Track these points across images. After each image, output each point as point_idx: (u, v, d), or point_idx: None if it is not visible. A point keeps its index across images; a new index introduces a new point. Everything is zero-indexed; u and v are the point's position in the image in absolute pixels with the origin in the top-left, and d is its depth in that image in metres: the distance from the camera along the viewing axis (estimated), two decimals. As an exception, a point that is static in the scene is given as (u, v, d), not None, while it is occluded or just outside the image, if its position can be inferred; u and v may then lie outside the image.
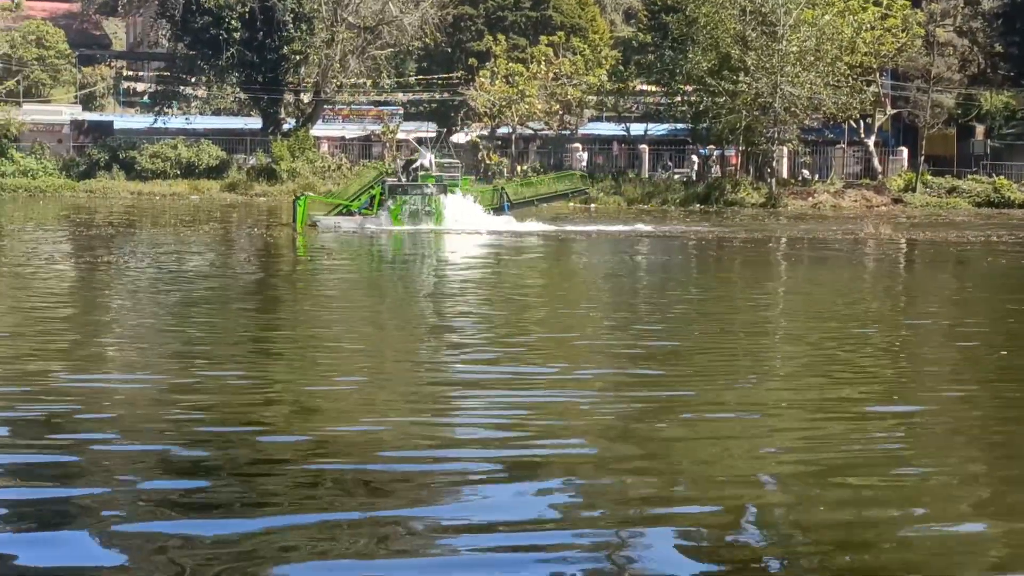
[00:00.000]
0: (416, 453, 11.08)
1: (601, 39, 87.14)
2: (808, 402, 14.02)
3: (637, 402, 13.54)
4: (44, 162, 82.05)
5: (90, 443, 11.31)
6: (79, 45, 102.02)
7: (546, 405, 13.28)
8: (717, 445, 11.76)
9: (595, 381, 15.15)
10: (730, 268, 36.23)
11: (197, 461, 10.75)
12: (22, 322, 20.09)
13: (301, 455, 10.93)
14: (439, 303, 24.95)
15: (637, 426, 12.42)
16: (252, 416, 12.48)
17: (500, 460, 10.82)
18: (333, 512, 9.29)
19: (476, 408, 13.07)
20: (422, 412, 12.93)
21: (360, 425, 12.17)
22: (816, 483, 10.34)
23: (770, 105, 72.88)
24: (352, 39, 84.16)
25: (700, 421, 12.79)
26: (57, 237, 44.06)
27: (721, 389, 14.59)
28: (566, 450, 11.39)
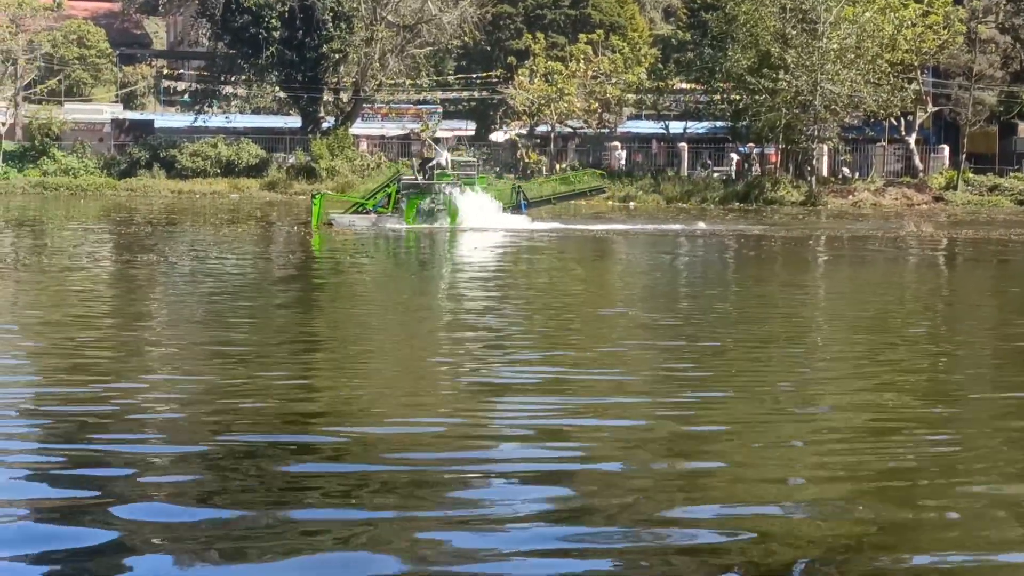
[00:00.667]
0: (456, 454, 11.05)
1: (640, 37, 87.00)
2: (857, 405, 13.91)
3: (681, 407, 13.46)
4: (85, 161, 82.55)
5: (130, 443, 11.33)
6: (120, 44, 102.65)
7: (588, 408, 13.19)
8: (763, 445, 11.69)
9: (639, 383, 15.08)
10: (792, 267, 36.09)
11: (232, 458, 10.75)
12: (56, 323, 20.20)
13: (340, 455, 10.91)
14: (474, 302, 24.91)
15: (676, 427, 12.35)
16: (287, 417, 12.47)
17: (535, 462, 10.78)
18: (370, 511, 9.28)
19: (515, 410, 13.00)
20: (462, 414, 12.88)
21: (400, 427, 12.13)
22: (860, 487, 10.26)
23: (810, 103, 72.54)
24: (391, 38, 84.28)
25: (744, 422, 12.71)
26: (98, 235, 44.27)
27: (765, 389, 14.48)
28: (604, 452, 11.34)
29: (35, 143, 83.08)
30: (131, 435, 11.64)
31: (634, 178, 78.36)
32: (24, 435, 11.67)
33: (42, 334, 18.58)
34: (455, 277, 31.61)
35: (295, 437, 11.64)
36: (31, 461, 10.68)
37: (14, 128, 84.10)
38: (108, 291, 26.60)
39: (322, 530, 8.80)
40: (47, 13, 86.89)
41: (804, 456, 11.42)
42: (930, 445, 11.85)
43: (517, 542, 8.60)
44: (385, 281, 30.19)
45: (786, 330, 20.18)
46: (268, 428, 11.95)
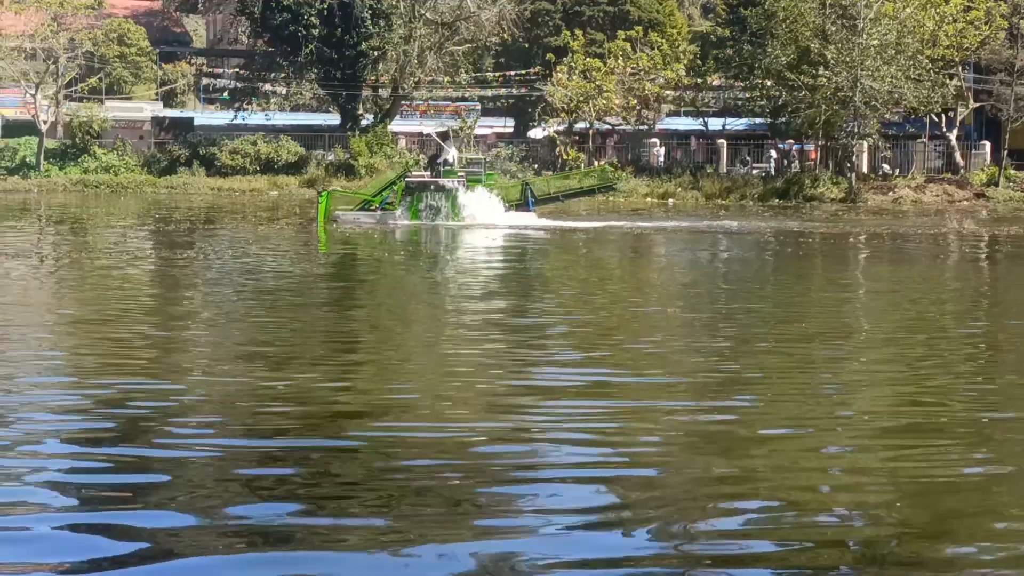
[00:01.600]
0: (498, 454, 11.04)
1: (679, 33, 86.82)
2: (899, 404, 13.83)
3: (722, 410, 13.40)
4: (126, 158, 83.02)
5: (172, 446, 11.37)
6: (160, 42, 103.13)
7: (630, 411, 13.14)
8: (799, 448, 11.64)
9: (680, 385, 15.03)
10: (833, 264, 35.96)
11: (274, 459, 10.78)
12: (96, 320, 20.29)
13: (376, 458, 10.91)
14: (502, 300, 24.89)
15: (718, 428, 12.30)
16: (324, 418, 12.48)
17: (575, 467, 10.76)
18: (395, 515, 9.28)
19: (556, 413, 12.95)
20: (500, 417, 12.87)
21: (439, 431, 12.13)
22: (900, 489, 10.21)
23: (850, 99, 72.21)
24: (430, 35, 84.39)
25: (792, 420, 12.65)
26: (138, 233, 44.50)
27: (807, 390, 14.40)
28: (644, 455, 11.31)
29: (76, 141, 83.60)
30: (168, 438, 11.67)
31: (673, 175, 78.20)
32: (61, 434, 11.71)
33: (80, 333, 18.66)
34: (475, 275, 31.53)
35: (331, 442, 11.63)
36: (68, 465, 10.72)
37: (56, 126, 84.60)
38: (146, 289, 26.70)
39: (356, 531, 8.80)
40: (88, 11, 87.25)
41: (844, 457, 11.35)
42: (972, 448, 11.76)
43: (557, 547, 8.59)
44: (415, 280, 30.16)
45: (828, 329, 20.07)
46: (307, 430, 11.96)
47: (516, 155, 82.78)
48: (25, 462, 10.52)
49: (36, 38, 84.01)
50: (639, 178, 78.56)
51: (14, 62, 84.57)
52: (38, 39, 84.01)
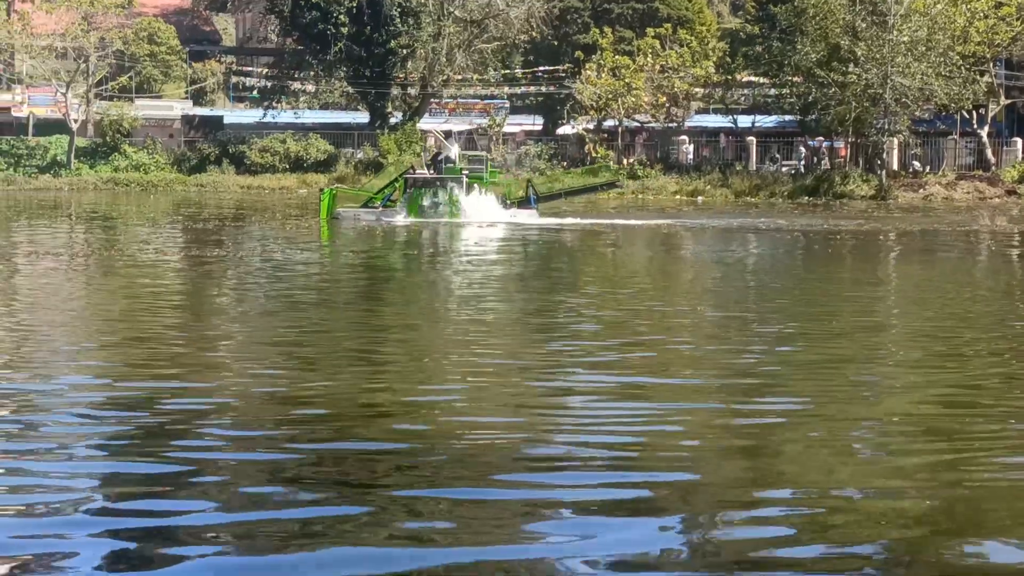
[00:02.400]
0: (531, 457, 11.03)
1: (708, 31, 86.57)
2: (931, 403, 13.75)
3: (757, 413, 13.35)
4: (156, 157, 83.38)
5: (201, 449, 11.40)
6: (190, 41, 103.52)
7: (662, 412, 13.09)
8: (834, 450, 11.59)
9: (712, 386, 14.98)
10: (864, 261, 35.82)
11: (301, 467, 10.79)
12: (125, 318, 20.35)
13: (406, 466, 10.91)
14: (525, 299, 24.86)
15: (751, 430, 12.26)
16: (355, 420, 12.48)
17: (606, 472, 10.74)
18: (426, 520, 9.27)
19: (586, 416, 12.91)
20: (531, 422, 12.85)
21: (465, 438, 12.12)
22: (931, 484, 10.15)
23: (880, 96, 71.94)
24: (459, 33, 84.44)
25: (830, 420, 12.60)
26: (168, 231, 44.66)
27: (844, 391, 14.33)
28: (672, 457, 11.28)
29: (107, 139, 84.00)
30: (200, 440, 11.69)
31: (702, 173, 78.05)
32: (92, 435, 11.74)
33: (112, 331, 18.72)
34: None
35: (364, 445, 11.62)
36: (101, 468, 10.74)
37: (86, 125, 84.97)
38: (175, 287, 26.79)
39: (384, 530, 8.81)
40: (118, 11, 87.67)
41: (880, 460, 11.29)
42: (1014, 451, 11.69)
43: (588, 548, 8.57)
44: (437, 278, 30.15)
45: (861, 327, 19.97)
46: (340, 433, 11.97)
47: (545, 153, 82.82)
48: (59, 465, 10.55)
49: (67, 37, 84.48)
50: (668, 176, 78.45)
51: (45, 61, 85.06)
52: (69, 38, 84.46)
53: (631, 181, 77.31)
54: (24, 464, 10.45)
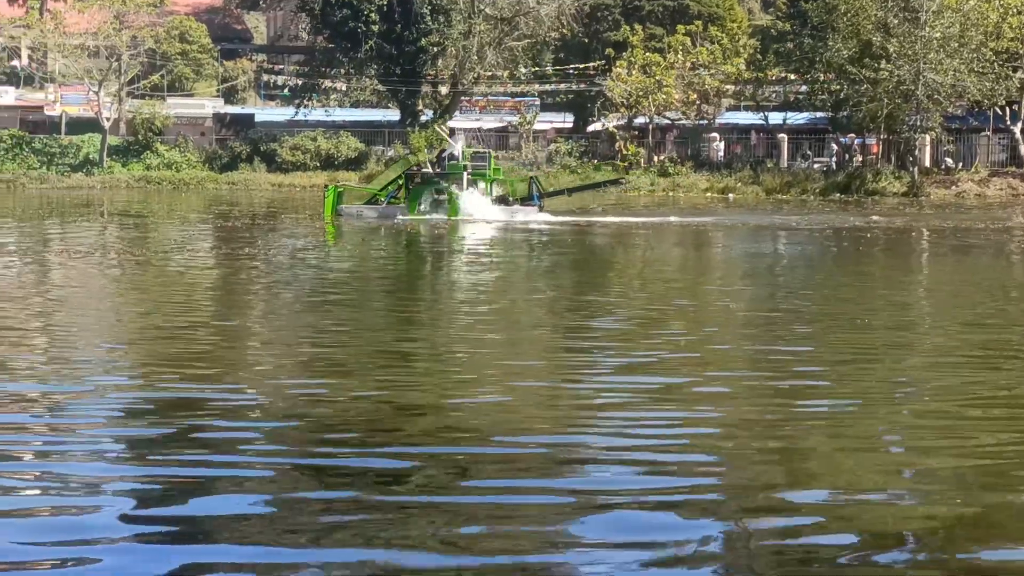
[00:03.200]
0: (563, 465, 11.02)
1: (739, 27, 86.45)
2: (967, 403, 13.68)
3: (792, 416, 13.29)
4: (187, 155, 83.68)
5: (228, 451, 11.41)
6: (221, 39, 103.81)
7: (697, 416, 13.03)
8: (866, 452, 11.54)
9: (747, 388, 14.93)
10: (897, 258, 35.66)
11: (327, 475, 10.80)
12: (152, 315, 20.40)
13: (439, 472, 10.90)
14: (551, 296, 24.82)
15: (784, 432, 12.21)
16: (384, 427, 12.47)
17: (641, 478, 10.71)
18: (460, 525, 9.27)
19: (619, 423, 12.85)
20: (566, 428, 12.83)
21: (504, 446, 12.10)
22: (962, 484, 10.10)
23: (912, 92, 71.64)
24: (489, 30, 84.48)
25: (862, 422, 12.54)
26: (199, 229, 44.81)
27: (878, 392, 14.25)
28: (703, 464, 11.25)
29: (139, 138, 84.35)
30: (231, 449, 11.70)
31: (733, 170, 77.90)
32: (123, 439, 11.78)
33: (144, 330, 18.78)
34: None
35: (398, 449, 11.62)
36: (133, 471, 10.77)
37: (118, 123, 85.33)
38: (206, 285, 26.85)
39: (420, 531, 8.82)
40: (150, 9, 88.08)
41: (914, 464, 11.24)
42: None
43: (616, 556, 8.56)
44: (473, 278, 30.15)
45: (895, 325, 19.87)
46: (374, 433, 11.97)
47: (575, 151, 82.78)
48: (90, 466, 10.59)
49: (99, 36, 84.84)
50: (699, 173, 78.32)
51: (77, 60, 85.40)
52: (101, 37, 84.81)
53: (662, 179, 77.25)
54: (55, 467, 10.48)
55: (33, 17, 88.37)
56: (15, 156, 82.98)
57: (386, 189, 50.49)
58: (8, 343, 17.02)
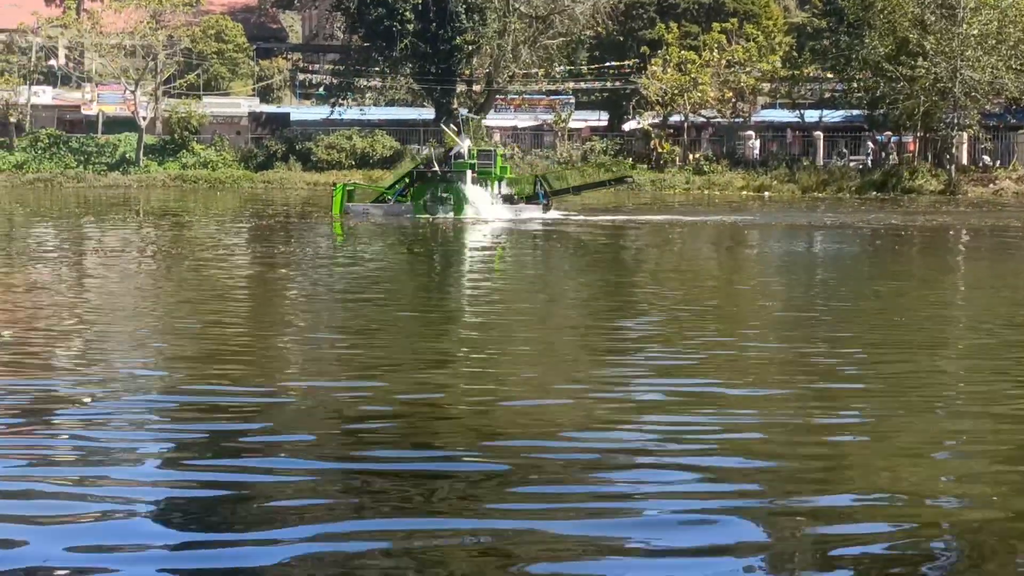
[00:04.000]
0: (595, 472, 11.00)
1: (775, 25, 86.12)
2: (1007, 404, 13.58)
3: (837, 430, 13.21)
4: (223, 154, 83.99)
5: (267, 453, 11.43)
6: (256, 39, 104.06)
7: (737, 421, 12.95)
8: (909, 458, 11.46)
9: (784, 396, 14.85)
10: (933, 257, 35.47)
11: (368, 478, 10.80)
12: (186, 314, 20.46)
13: (480, 477, 10.88)
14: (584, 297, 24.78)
15: (824, 438, 12.14)
16: (418, 430, 12.47)
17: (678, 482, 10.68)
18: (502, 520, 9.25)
19: (660, 431, 12.78)
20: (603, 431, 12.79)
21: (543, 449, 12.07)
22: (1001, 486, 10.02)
23: (949, 90, 71.31)
24: (524, 29, 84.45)
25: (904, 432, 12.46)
26: (235, 227, 44.95)
27: (919, 403, 14.14)
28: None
29: (175, 137, 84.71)
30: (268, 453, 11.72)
31: (769, 168, 77.66)
32: (158, 441, 11.80)
33: (178, 331, 18.83)
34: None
35: (434, 452, 11.61)
36: (168, 475, 10.79)
37: (155, 122, 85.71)
38: (242, 285, 26.91)
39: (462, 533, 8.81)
40: (186, 9, 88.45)
41: (958, 478, 11.16)
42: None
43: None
44: (508, 278, 30.14)
45: (936, 329, 19.75)
46: (410, 436, 11.97)
47: (610, 149, 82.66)
48: (125, 470, 10.62)
49: (136, 35, 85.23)
50: (734, 171, 78.11)
51: (114, 59, 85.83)
52: (138, 36, 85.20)
53: (697, 177, 77.06)
54: (90, 472, 10.50)
55: (70, 17, 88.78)
56: (52, 155, 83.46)
57: (394, 188, 50.79)
58: (47, 343, 17.11)
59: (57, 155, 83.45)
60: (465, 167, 48.74)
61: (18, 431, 11.76)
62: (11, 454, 10.83)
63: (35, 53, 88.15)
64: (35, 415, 12.46)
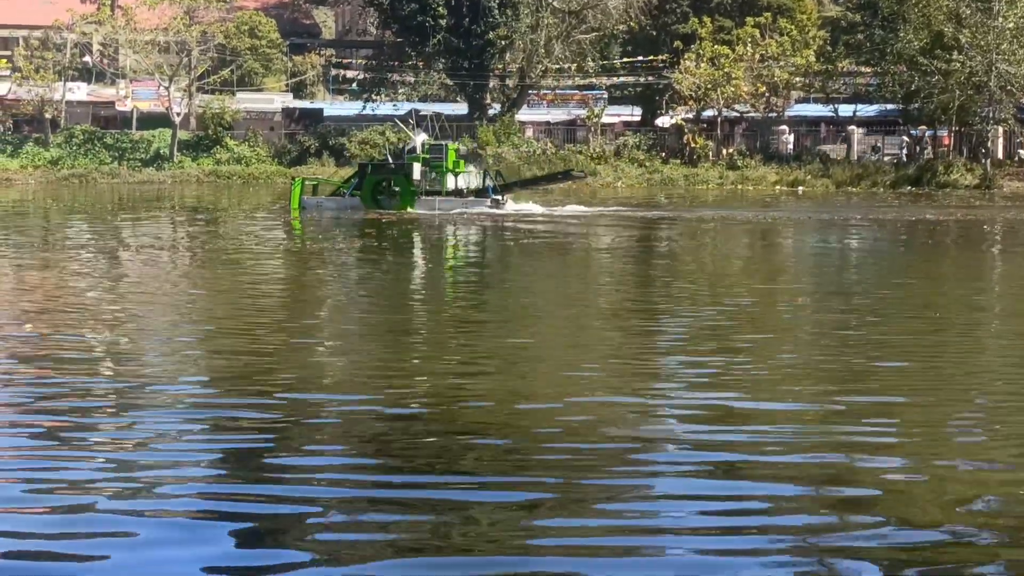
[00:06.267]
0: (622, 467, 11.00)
1: (808, 19, 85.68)
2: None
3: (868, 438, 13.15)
4: (257, 149, 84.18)
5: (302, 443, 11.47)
6: (290, 34, 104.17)
7: (772, 429, 12.91)
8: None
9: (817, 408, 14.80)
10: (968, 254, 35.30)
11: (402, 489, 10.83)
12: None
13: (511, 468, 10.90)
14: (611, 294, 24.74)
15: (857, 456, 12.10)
16: (460, 425, 12.48)
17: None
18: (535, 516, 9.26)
19: (691, 437, 12.75)
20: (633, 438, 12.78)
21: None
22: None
23: (985, 84, 70.92)
24: (557, 24, 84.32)
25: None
26: (271, 223, 45.13)
27: (951, 416, 14.01)
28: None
29: (208, 132, 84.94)
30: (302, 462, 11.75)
31: (802, 162, 77.40)
32: (193, 449, 11.84)
33: (216, 331, 18.89)
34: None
35: (468, 439, 11.63)
36: (200, 478, 10.84)
37: (188, 118, 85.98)
38: (277, 281, 27.00)
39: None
40: (220, 5, 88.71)
41: (990, 501, 11.07)
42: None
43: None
44: (539, 277, 30.12)
45: (975, 331, 19.63)
46: (449, 436, 11.99)
47: (643, 143, 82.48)
48: (164, 472, 10.67)
49: (169, 32, 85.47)
50: (768, 166, 77.87)
51: (148, 56, 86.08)
52: (171, 33, 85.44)
53: (730, 172, 76.82)
54: (130, 485, 10.55)
55: (105, 13, 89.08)
56: (87, 151, 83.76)
57: (349, 182, 51.26)
58: (81, 344, 17.20)
59: (92, 151, 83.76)
60: (416, 161, 49.19)
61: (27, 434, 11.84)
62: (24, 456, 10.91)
63: (70, 50, 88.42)
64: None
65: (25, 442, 11.28)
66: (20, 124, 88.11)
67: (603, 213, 48.75)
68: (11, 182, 77.01)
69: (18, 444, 11.19)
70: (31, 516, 9.07)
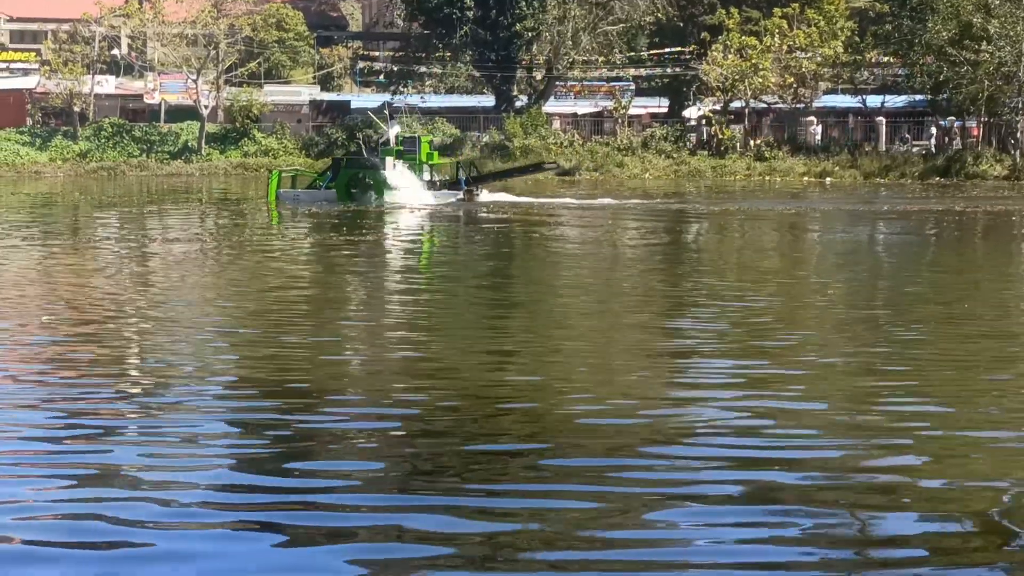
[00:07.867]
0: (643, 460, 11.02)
1: (836, 10, 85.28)
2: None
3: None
4: (284, 141, 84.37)
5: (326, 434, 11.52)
6: (317, 27, 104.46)
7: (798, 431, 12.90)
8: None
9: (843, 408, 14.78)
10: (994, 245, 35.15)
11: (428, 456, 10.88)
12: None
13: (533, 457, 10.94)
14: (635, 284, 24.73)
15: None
16: (484, 419, 12.51)
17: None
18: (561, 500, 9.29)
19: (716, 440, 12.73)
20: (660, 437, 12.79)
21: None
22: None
23: (1014, 74, 70.55)
24: (584, 15, 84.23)
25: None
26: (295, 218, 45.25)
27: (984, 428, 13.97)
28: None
29: (236, 125, 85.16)
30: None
31: (830, 153, 77.14)
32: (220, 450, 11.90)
33: (243, 327, 18.97)
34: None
35: (492, 446, 11.66)
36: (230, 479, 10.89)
37: (216, 111, 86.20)
38: (303, 273, 27.09)
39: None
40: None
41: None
42: None
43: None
44: (566, 269, 30.12)
45: (992, 319, 19.58)
46: (479, 435, 12.03)
47: (671, 135, 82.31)
48: (192, 475, 10.74)
49: (197, 25, 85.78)
50: (795, 157, 77.60)
51: (176, 49, 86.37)
52: (199, 26, 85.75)
53: (758, 163, 76.61)
54: (154, 492, 10.59)
55: (133, 6, 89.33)
56: (116, 144, 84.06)
57: (324, 174, 51.41)
58: (103, 343, 17.29)
59: (120, 144, 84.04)
60: (389, 154, 49.29)
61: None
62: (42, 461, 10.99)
63: (98, 43, 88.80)
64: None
65: (27, 444, 11.33)
66: (49, 117, 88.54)
67: (634, 205, 48.71)
68: (40, 175, 77.44)
69: (19, 448, 11.22)
70: (46, 522, 9.11)
